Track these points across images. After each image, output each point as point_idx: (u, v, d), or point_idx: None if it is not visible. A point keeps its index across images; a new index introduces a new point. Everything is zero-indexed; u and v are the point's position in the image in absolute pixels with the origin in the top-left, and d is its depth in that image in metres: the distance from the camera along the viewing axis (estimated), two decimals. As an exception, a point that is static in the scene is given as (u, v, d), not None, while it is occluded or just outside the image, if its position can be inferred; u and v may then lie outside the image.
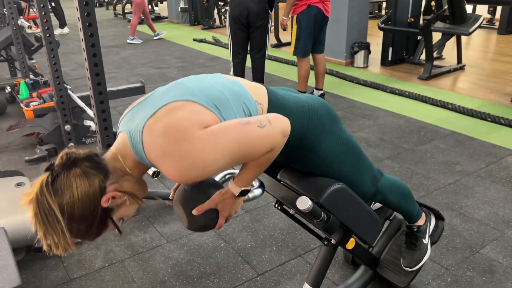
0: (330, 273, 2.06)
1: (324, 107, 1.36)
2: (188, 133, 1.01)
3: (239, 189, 1.18)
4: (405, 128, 3.76)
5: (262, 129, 1.07)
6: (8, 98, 4.49)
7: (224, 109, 1.10)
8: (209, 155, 1.02)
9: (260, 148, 1.08)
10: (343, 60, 5.88)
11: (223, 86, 1.16)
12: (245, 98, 1.17)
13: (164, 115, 1.05)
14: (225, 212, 1.21)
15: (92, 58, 2.19)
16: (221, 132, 1.04)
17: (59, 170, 1.01)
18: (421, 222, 1.78)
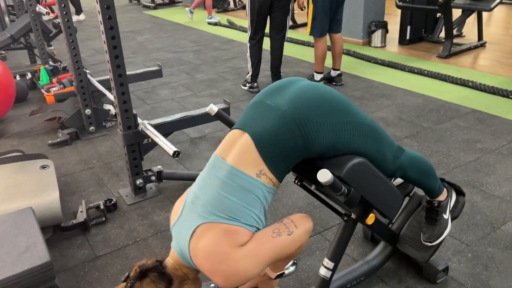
0: (349, 249, 2.08)
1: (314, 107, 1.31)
2: (226, 256, 1.19)
3: (274, 274, 1.45)
4: (424, 107, 3.71)
5: (291, 237, 1.27)
6: (29, 85, 4.58)
7: (241, 215, 1.24)
8: (251, 269, 1.21)
9: (291, 250, 1.29)
10: (360, 39, 5.80)
11: (227, 191, 1.26)
12: (249, 188, 1.26)
13: (200, 238, 1.22)
14: None
15: (111, 41, 2.21)
16: (259, 249, 1.22)
17: (133, 281, 1.25)
18: (442, 197, 1.77)
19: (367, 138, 1.38)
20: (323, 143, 1.31)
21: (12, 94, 3.79)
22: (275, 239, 1.25)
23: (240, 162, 1.29)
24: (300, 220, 1.32)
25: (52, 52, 5.24)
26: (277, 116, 1.30)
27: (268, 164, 1.28)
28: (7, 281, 1.64)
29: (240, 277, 1.21)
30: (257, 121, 1.33)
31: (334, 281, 1.76)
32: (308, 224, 1.33)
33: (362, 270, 1.86)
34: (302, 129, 1.28)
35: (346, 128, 1.34)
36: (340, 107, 1.36)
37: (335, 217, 2.31)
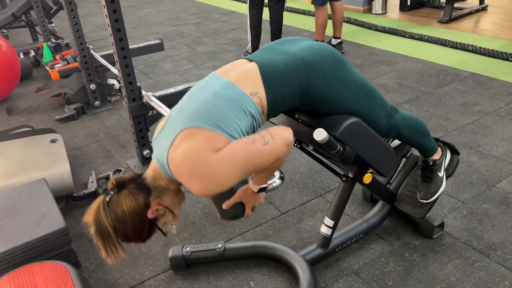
0: (349, 209, 2.17)
1: (321, 57, 1.39)
2: (204, 160, 1.18)
3: (257, 187, 1.38)
4: (424, 72, 3.74)
5: (266, 146, 1.23)
6: (32, 62, 4.63)
7: (225, 123, 1.24)
8: (224, 174, 1.20)
9: (267, 161, 1.24)
10: (361, 7, 5.76)
11: (218, 98, 1.27)
12: (239, 100, 1.27)
13: (180, 144, 1.22)
14: (249, 204, 1.42)
15: (112, 14, 2.26)
16: (231, 154, 1.20)
17: (111, 193, 1.25)
18: (436, 156, 1.84)
19: (360, 94, 1.45)
20: (322, 89, 1.38)
21: (17, 71, 3.85)
22: (248, 146, 1.21)
23: (238, 80, 1.30)
24: (278, 131, 1.26)
25: (54, 29, 5.25)
26: (288, 55, 1.38)
27: (266, 90, 1.30)
28: (28, 245, 1.75)
29: (215, 183, 1.19)
30: (267, 56, 1.39)
31: (334, 238, 1.87)
32: (286, 135, 1.26)
33: (362, 228, 1.95)
34: (309, 71, 1.35)
35: (343, 81, 1.41)
36: (341, 64, 1.43)
37: (335, 181, 2.40)
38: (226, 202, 1.37)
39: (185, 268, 1.90)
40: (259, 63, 1.34)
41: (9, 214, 1.92)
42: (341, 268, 1.84)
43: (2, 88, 3.74)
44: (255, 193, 1.39)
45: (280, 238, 2.03)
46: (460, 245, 1.90)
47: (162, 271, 1.91)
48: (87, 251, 2.07)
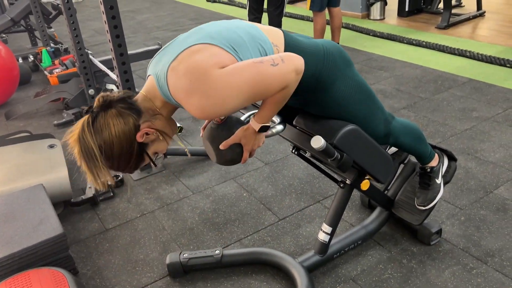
0: (347, 216, 2.17)
1: (338, 50, 1.42)
2: (207, 73, 1.10)
3: (259, 125, 1.27)
4: (422, 78, 3.75)
5: (275, 67, 1.14)
6: (31, 67, 4.63)
7: (240, 50, 1.19)
8: (226, 92, 1.11)
9: (274, 85, 1.15)
10: (359, 13, 5.78)
11: (240, 29, 1.24)
12: (261, 40, 1.25)
13: (185, 58, 1.14)
14: (248, 146, 1.31)
15: (111, 20, 2.26)
16: (236, 71, 1.12)
17: (97, 111, 1.14)
18: (434, 163, 1.85)
19: (361, 95, 1.46)
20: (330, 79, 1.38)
21: (16, 76, 3.86)
22: (255, 64, 1.14)
23: (264, 30, 1.29)
24: (290, 56, 1.19)
25: (53, 34, 5.26)
26: (310, 40, 1.40)
27: (286, 44, 1.30)
28: (25, 251, 1.75)
29: (216, 101, 1.11)
30: (292, 34, 1.39)
31: (332, 245, 1.86)
32: (298, 61, 1.18)
33: (360, 234, 1.95)
34: (326, 58, 1.35)
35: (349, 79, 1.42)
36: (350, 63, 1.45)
37: (333, 186, 2.40)
38: (224, 142, 1.29)
39: (183, 274, 1.90)
40: (285, 33, 1.34)
41: (6, 219, 1.92)
42: (339, 275, 1.84)
43: (0, 94, 3.74)
44: (255, 132, 1.29)
45: (278, 245, 2.03)
46: (458, 251, 1.90)
47: (159, 278, 1.90)
48: (85, 257, 2.06)
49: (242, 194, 2.41)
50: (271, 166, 2.66)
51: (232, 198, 2.39)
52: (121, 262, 2.01)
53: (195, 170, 2.68)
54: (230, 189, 2.47)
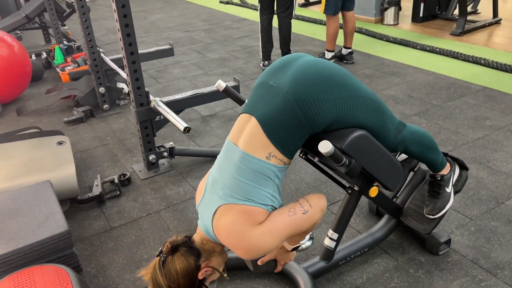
0: (354, 222, 2.14)
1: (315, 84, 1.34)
2: (245, 234, 1.30)
3: (291, 247, 1.52)
4: (434, 84, 3.70)
5: (305, 215, 1.35)
6: (44, 64, 4.67)
7: (255, 196, 1.32)
8: (268, 244, 1.32)
9: (306, 227, 1.38)
10: (373, 17, 5.74)
11: (241, 175, 1.33)
12: (260, 170, 1.33)
13: (220, 218, 1.33)
14: (282, 261, 1.58)
15: (123, 19, 2.26)
16: (275, 227, 1.32)
17: (166, 255, 1.35)
18: (445, 171, 1.81)
19: (369, 111, 1.42)
20: (326, 118, 1.35)
21: (28, 73, 3.89)
22: (291, 218, 1.34)
23: (250, 147, 1.35)
24: (315, 199, 1.40)
25: (66, 32, 5.30)
26: (279, 98, 1.35)
27: (276, 146, 1.33)
28: (29, 248, 1.75)
29: (259, 251, 1.33)
30: (262, 104, 1.38)
31: (338, 251, 1.84)
32: (322, 203, 1.41)
33: (366, 241, 1.92)
34: (305, 108, 1.32)
35: (348, 102, 1.37)
36: (340, 82, 1.38)
37: (341, 192, 2.37)
38: (262, 259, 1.53)
39: (186, 276, 1.88)
40: (258, 119, 1.35)
41: (12, 215, 1.92)
42: (344, 282, 1.81)
43: (12, 89, 3.77)
44: (288, 251, 1.54)
45: (283, 249, 2.00)
46: (467, 263, 1.86)
47: (163, 279, 1.89)
48: (89, 255, 2.06)
49: (248, 197, 2.39)
50: (278, 170, 2.63)
51: (239, 201, 2.36)
52: (125, 261, 2.00)
53: (202, 171, 2.67)
54: (236, 192, 2.44)
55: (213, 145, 2.97)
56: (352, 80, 1.42)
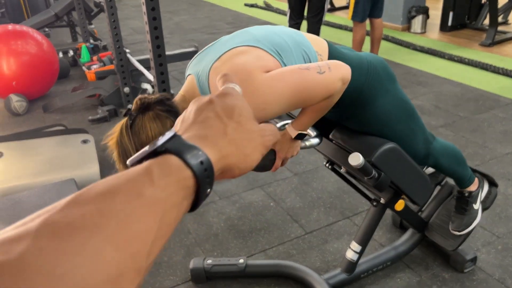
0: (377, 235, 2.10)
1: (382, 65, 1.38)
2: (252, 76, 1.09)
3: (296, 132, 1.24)
4: (462, 96, 3.62)
5: (321, 75, 1.11)
6: (70, 62, 4.75)
7: (285, 54, 1.17)
8: (269, 97, 1.09)
9: (318, 93, 1.12)
10: (399, 25, 5.66)
11: (285, 34, 1.22)
12: (305, 47, 1.23)
13: (229, 58, 1.14)
14: (282, 153, 1.28)
15: (152, 22, 2.28)
16: (281, 76, 1.10)
17: (135, 114, 1.12)
18: (473, 187, 1.76)
19: (403, 112, 1.41)
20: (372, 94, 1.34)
21: (56, 70, 3.95)
22: (301, 71, 1.11)
23: (309, 37, 1.27)
24: (337, 64, 1.16)
25: (93, 31, 5.39)
26: (354, 52, 1.38)
27: (330, 53, 1.28)
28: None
29: (257, 105, 1.11)
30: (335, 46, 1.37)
31: (360, 264, 1.80)
32: (345, 70, 1.16)
33: (389, 255, 1.88)
34: (369, 72, 1.32)
35: (391, 95, 1.38)
36: (393, 79, 1.41)
37: (364, 203, 2.33)
38: None
39: (205, 280, 1.87)
40: (329, 43, 1.32)
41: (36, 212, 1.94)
42: (365, 296, 1.77)
43: (40, 86, 3.84)
44: (291, 139, 1.26)
45: (303, 259, 1.98)
46: (493, 282, 1.80)
47: (182, 282, 1.89)
48: (109, 254, 2.07)
49: (269, 203, 2.38)
50: (300, 177, 2.61)
51: (259, 207, 2.35)
52: (144, 263, 2.00)
53: (223, 175, 2.66)
54: (257, 197, 2.43)
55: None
56: (398, 84, 1.44)
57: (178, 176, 0.36)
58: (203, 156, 0.38)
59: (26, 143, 2.59)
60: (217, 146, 0.41)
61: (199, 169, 0.37)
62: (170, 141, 0.38)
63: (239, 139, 0.43)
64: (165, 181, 0.35)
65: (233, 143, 0.43)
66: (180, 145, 0.38)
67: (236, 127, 0.44)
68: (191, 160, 0.37)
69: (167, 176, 0.36)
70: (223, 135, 0.42)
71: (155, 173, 0.35)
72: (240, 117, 0.45)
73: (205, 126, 0.42)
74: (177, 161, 0.37)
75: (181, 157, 0.37)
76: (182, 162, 0.37)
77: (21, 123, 3.48)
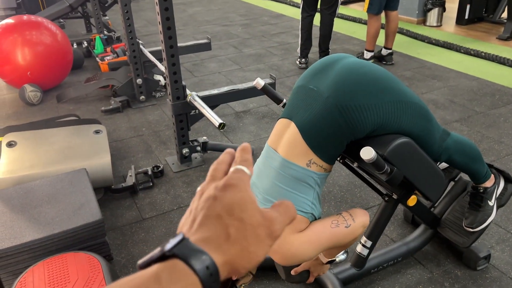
0: (389, 230, 2.08)
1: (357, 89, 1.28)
2: (286, 240, 1.28)
3: (326, 259, 1.50)
4: (478, 90, 3.56)
5: (348, 229, 1.34)
6: (84, 53, 4.77)
7: (296, 203, 1.30)
8: (306, 253, 1.31)
9: (346, 241, 1.36)
10: (415, 18, 5.57)
11: (281, 181, 1.32)
12: (300, 177, 1.31)
13: None
14: (315, 273, 1.55)
15: (164, 12, 2.27)
16: (316, 237, 1.31)
17: None
18: (488, 183, 1.73)
19: (414, 117, 1.36)
20: (369, 125, 1.30)
21: (70, 61, 3.98)
22: (333, 230, 1.33)
23: (290, 154, 1.33)
24: (358, 214, 1.39)
25: (107, 22, 5.40)
26: (319, 104, 1.30)
27: (316, 153, 1.30)
28: (64, 234, 1.78)
29: (296, 259, 1.32)
30: (301, 109, 1.34)
31: (371, 259, 1.78)
32: (365, 218, 1.39)
33: (400, 251, 1.86)
34: (346, 116, 1.27)
35: (393, 108, 1.31)
36: (385, 86, 1.32)
37: (376, 197, 2.31)
38: (295, 269, 1.48)
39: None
40: (298, 126, 1.33)
41: (49, 201, 1.96)
42: (375, 291, 1.76)
43: (54, 76, 3.87)
44: (322, 264, 1.51)
45: (313, 252, 1.97)
46: (507, 280, 1.77)
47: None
48: (120, 244, 2.08)
49: (280, 197, 2.36)
50: (311, 170, 2.59)
51: (270, 200, 2.34)
52: (154, 253, 2.01)
53: (234, 167, 2.66)
54: (268, 190, 2.42)
55: (245, 142, 2.96)
56: (397, 84, 1.36)
57: (186, 282, 0.38)
58: (208, 261, 0.40)
59: (39, 133, 2.62)
60: (220, 249, 0.41)
61: (204, 275, 0.39)
62: (178, 245, 0.40)
63: (242, 237, 0.42)
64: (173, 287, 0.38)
65: (237, 243, 0.42)
66: (186, 250, 0.39)
67: (239, 226, 0.42)
68: (196, 265, 0.39)
69: (175, 283, 0.38)
70: (226, 238, 0.42)
71: (163, 280, 0.37)
72: (242, 213, 0.43)
73: (208, 229, 0.42)
74: (184, 267, 0.39)
75: (187, 263, 0.39)
76: (189, 267, 0.39)
77: (35, 113, 3.51)
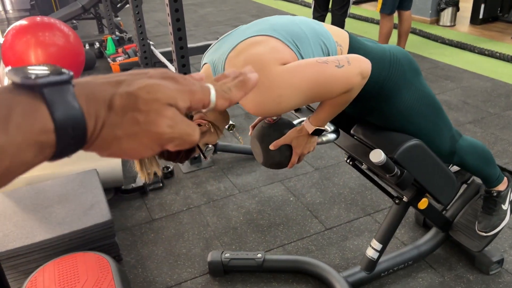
0: (399, 233, 2.05)
1: (406, 58, 1.33)
2: (267, 68, 1.05)
3: (313, 127, 1.21)
4: (492, 91, 3.50)
5: (339, 69, 1.07)
6: (96, 53, 4.81)
7: (302, 45, 1.13)
8: (285, 91, 1.05)
9: (336, 88, 1.08)
10: (428, 17, 5.51)
11: (304, 24, 1.18)
12: (324, 37, 1.18)
13: (245, 49, 1.10)
14: (299, 149, 1.25)
15: (174, 13, 2.28)
16: (298, 69, 1.07)
17: None
18: (501, 187, 1.70)
19: (427, 107, 1.36)
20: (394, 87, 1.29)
21: (82, 62, 4.01)
22: (319, 64, 1.07)
23: (329, 28, 1.23)
24: (356, 58, 1.12)
25: (119, 23, 5.44)
26: (376, 44, 1.33)
27: (349, 53, 1.22)
28: (74, 234, 1.79)
29: (273, 98, 1.06)
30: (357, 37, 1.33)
31: (381, 262, 1.76)
32: (365, 64, 1.11)
33: (411, 254, 1.83)
34: (392, 64, 1.27)
35: (415, 89, 1.33)
36: (418, 72, 1.36)
37: (386, 200, 2.28)
38: (274, 142, 1.24)
39: (223, 274, 1.87)
40: (350, 34, 1.28)
41: (60, 201, 1.98)
42: (385, 295, 1.74)
43: (66, 77, 3.90)
44: (308, 135, 1.23)
45: (322, 255, 1.95)
46: (521, 286, 1.74)
47: (200, 275, 1.89)
48: (130, 245, 2.09)
49: (288, 198, 2.35)
50: (321, 172, 2.58)
51: (278, 201, 2.33)
52: (164, 254, 2.02)
53: (243, 168, 2.65)
54: (276, 192, 2.41)
55: (256, 143, 2.95)
56: (423, 78, 1.39)
57: (39, 128, 0.33)
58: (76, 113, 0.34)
59: (51, 133, 2.64)
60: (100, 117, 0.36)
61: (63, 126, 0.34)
62: (54, 86, 0.33)
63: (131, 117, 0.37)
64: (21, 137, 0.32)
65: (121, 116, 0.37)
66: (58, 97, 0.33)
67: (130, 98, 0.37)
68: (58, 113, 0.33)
69: (26, 133, 0.32)
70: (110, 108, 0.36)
71: (13, 121, 0.32)
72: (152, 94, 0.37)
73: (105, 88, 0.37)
74: (45, 114, 0.33)
75: (50, 110, 0.33)
76: (50, 116, 0.33)
77: (48, 114, 3.55)
